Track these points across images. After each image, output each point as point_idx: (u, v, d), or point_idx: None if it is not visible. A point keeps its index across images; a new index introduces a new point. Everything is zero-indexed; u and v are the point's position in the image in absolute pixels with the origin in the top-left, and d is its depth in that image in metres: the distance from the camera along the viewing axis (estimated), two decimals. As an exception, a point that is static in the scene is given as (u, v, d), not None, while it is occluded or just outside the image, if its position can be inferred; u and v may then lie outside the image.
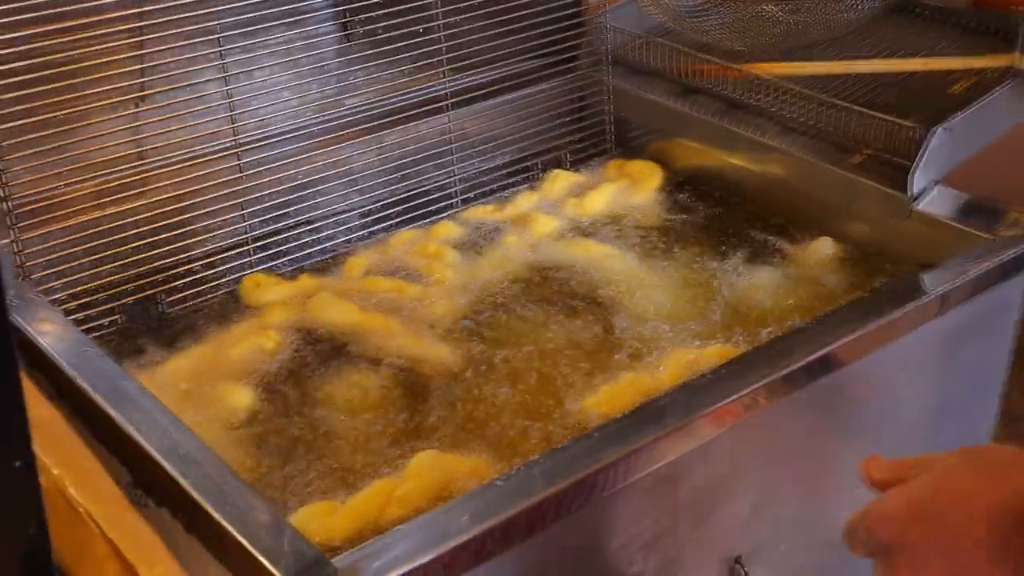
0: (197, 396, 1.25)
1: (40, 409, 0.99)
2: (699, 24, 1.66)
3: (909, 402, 1.32)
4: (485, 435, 1.19)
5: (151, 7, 1.33)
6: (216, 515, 0.89)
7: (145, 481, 0.98)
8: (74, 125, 1.30)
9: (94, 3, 1.27)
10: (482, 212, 1.63)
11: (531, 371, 1.29)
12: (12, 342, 0.62)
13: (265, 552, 0.86)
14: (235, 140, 1.42)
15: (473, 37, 1.60)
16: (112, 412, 1.01)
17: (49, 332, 1.13)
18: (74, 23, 1.26)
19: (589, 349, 1.33)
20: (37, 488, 0.67)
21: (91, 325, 1.35)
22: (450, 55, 1.58)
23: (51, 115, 1.28)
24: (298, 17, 1.48)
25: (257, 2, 1.42)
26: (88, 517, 0.80)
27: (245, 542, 0.87)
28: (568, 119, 1.75)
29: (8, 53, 1.23)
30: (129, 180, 1.37)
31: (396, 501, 1.07)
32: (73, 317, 1.33)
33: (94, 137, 1.33)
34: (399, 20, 1.54)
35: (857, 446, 1.27)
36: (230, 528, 0.88)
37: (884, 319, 1.18)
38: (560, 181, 1.68)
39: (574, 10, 1.74)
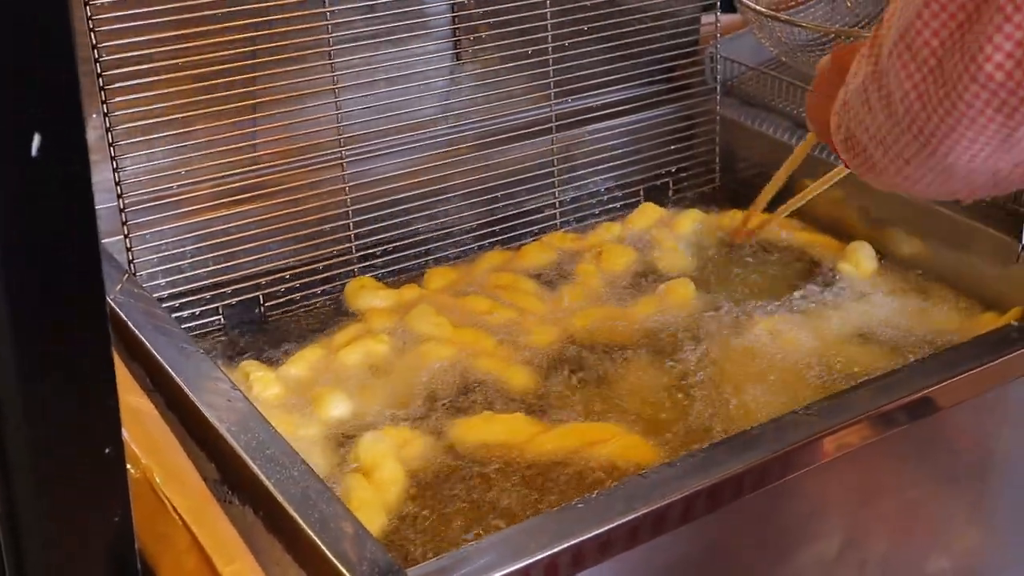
0: (299, 398, 1.28)
1: (136, 400, 1.01)
2: (813, 59, 1.64)
3: (1011, 454, 1.28)
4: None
5: (265, 17, 1.36)
6: (296, 517, 0.90)
7: (231, 478, 1.00)
8: (189, 128, 1.34)
9: (210, 12, 1.31)
10: (564, 240, 1.61)
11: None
12: (109, 333, 0.64)
13: (340, 557, 0.86)
14: (341, 152, 1.44)
15: (582, 61, 1.60)
16: (203, 408, 1.02)
17: (150, 327, 1.16)
18: (192, 30, 1.30)
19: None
20: (124, 475, 0.68)
21: (194, 323, 1.39)
22: (558, 78, 1.58)
23: (166, 117, 1.32)
24: (410, 34, 1.50)
25: (369, 18, 1.45)
26: (172, 509, 0.82)
27: (322, 546, 0.88)
28: (674, 148, 1.74)
29: (128, 56, 1.27)
30: (239, 185, 1.41)
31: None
32: (177, 315, 1.37)
33: (208, 140, 1.37)
34: (510, 42, 1.55)
35: (953, 495, 1.24)
36: (309, 531, 0.89)
37: (985, 365, 1.15)
38: (647, 215, 1.66)
39: (687, 39, 1.73)
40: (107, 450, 0.67)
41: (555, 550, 0.90)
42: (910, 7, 0.75)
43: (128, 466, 0.89)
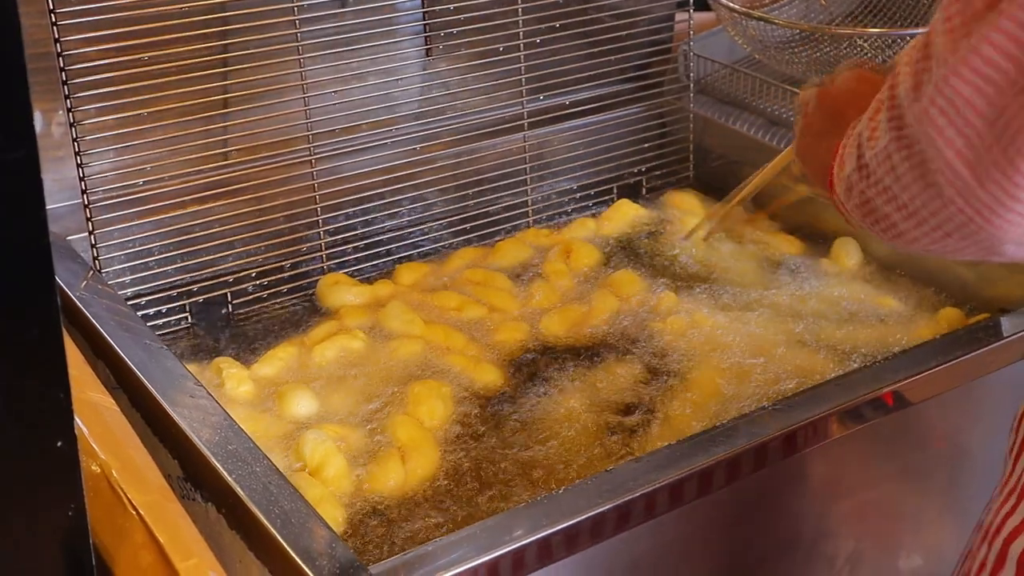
0: (270, 395, 1.27)
1: (99, 398, 1.00)
2: (786, 57, 1.64)
3: (982, 449, 1.28)
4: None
5: (234, 12, 1.35)
6: (258, 514, 0.90)
7: (193, 475, 0.99)
8: (155, 124, 1.33)
9: (178, 6, 1.30)
10: (538, 236, 1.60)
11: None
12: (60, 325, 0.63)
13: (302, 553, 0.86)
14: (310, 149, 1.43)
15: (554, 59, 1.59)
16: (166, 405, 1.02)
17: (115, 324, 1.15)
18: (157, 25, 1.29)
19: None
20: (77, 468, 0.67)
21: (161, 321, 1.38)
22: (530, 75, 1.58)
23: (132, 113, 1.31)
24: (380, 30, 1.49)
25: (338, 14, 1.44)
26: (129, 504, 0.81)
27: (284, 542, 0.87)
28: (648, 145, 1.74)
29: (92, 52, 1.26)
30: (207, 182, 1.39)
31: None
32: (143, 313, 1.35)
33: (175, 137, 1.35)
34: (481, 38, 1.54)
35: (924, 491, 1.24)
36: (270, 527, 0.88)
37: (955, 360, 1.15)
38: (623, 212, 1.65)
39: (661, 36, 1.73)
40: (59, 443, 0.66)
41: (514, 547, 0.89)
42: (941, 63, 0.67)
43: (88, 461, 0.88)
